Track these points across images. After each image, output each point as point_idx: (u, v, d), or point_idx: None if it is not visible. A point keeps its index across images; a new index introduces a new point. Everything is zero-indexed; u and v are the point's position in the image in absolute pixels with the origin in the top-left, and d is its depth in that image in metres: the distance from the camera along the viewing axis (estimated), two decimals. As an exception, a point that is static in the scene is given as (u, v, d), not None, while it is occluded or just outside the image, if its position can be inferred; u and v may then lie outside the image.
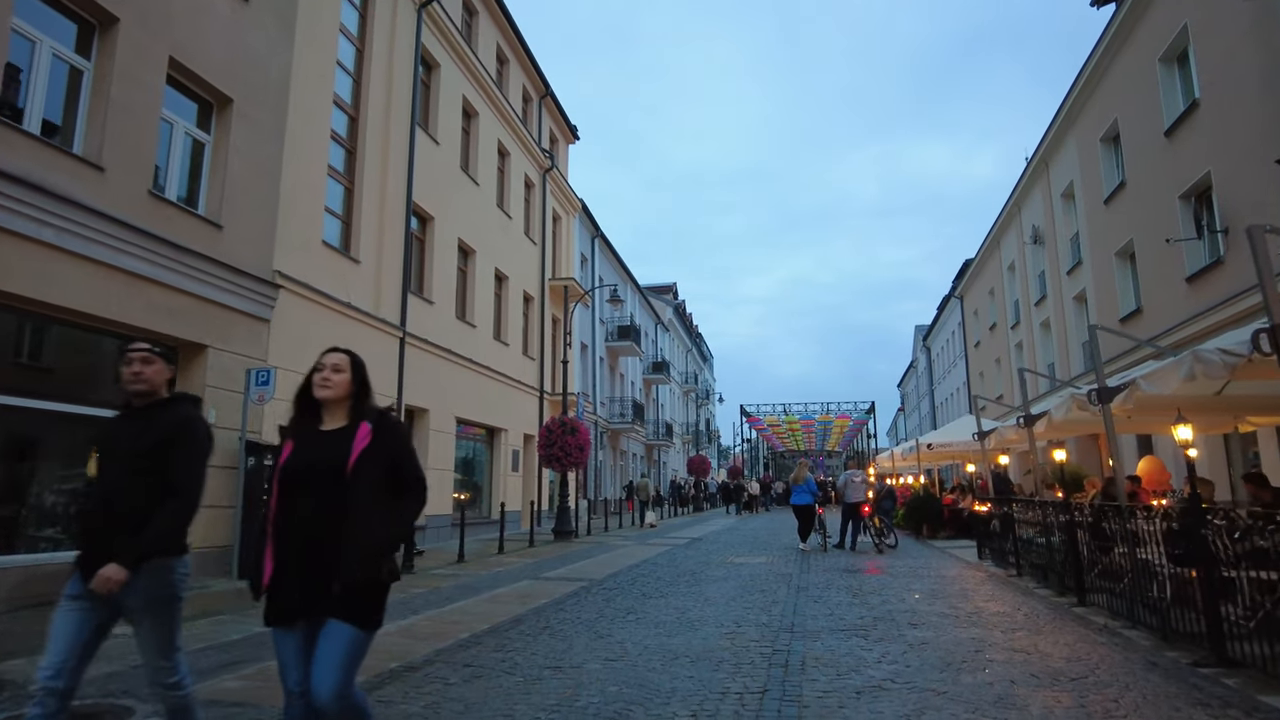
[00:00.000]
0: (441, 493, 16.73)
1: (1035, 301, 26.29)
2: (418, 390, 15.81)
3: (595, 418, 29.86)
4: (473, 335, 18.71)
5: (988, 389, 34.95)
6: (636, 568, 11.71)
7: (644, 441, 40.33)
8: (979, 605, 7.93)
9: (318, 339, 12.45)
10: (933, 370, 53.19)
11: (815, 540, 14.89)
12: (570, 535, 17.29)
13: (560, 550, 14.89)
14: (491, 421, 19.74)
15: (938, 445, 18.77)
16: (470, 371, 18.43)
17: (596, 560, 12.95)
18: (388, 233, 14.93)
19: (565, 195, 26.65)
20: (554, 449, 16.88)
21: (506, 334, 21.02)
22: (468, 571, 11.29)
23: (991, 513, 12.31)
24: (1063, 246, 23.08)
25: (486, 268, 19.80)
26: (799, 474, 14.75)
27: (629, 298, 37.34)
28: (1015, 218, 28.27)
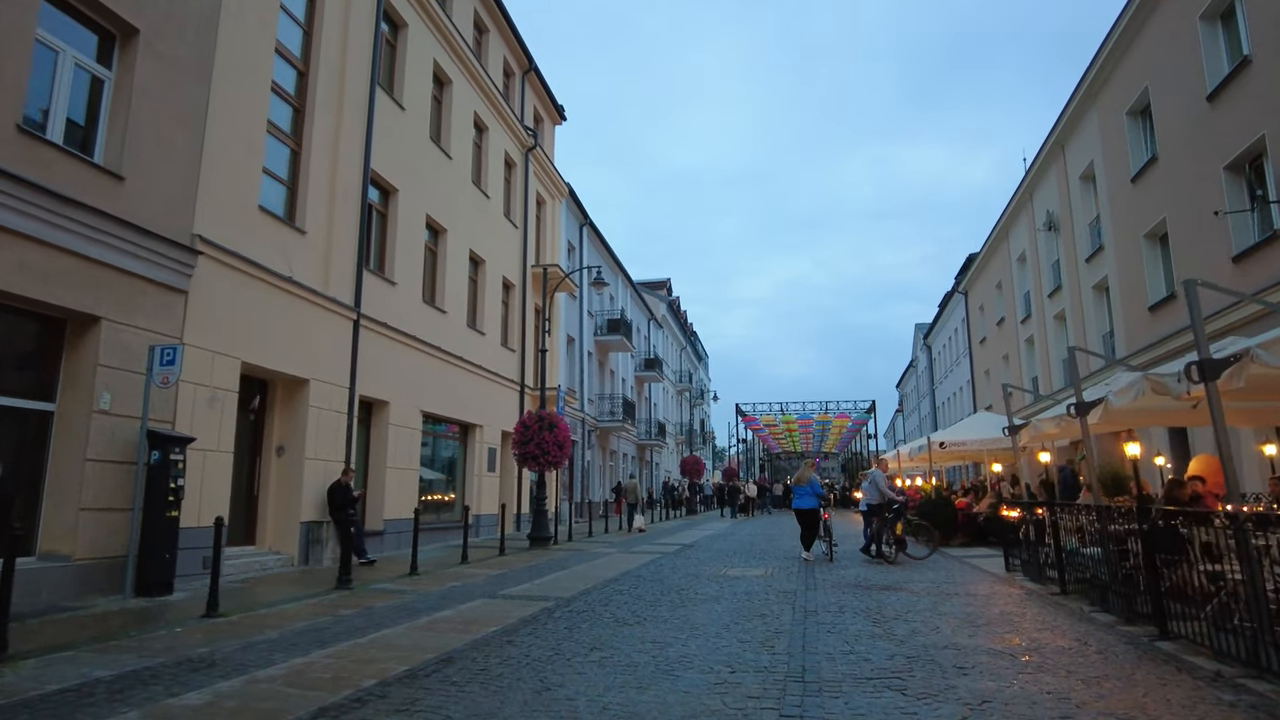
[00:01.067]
0: (404, 494, 15.10)
1: (1049, 293, 24.75)
2: (376, 380, 14.18)
3: (582, 415, 28.24)
4: (443, 322, 17.08)
5: (993, 387, 33.42)
6: (615, 582, 10.10)
7: (635, 441, 38.71)
8: (1035, 638, 6.33)
9: (249, 315, 10.83)
10: (934, 370, 51.69)
11: (820, 549, 13.31)
12: (547, 542, 15.66)
13: (533, 559, 13.27)
14: (464, 417, 18.11)
15: (951, 444, 17.20)
16: (439, 361, 16.80)
17: (571, 572, 11.32)
18: (341, 203, 13.30)
19: (550, 178, 25.04)
20: (530, 447, 15.26)
21: (483, 322, 19.40)
22: (415, 587, 9.66)
23: (1024, 519, 10.71)
24: (1081, 232, 21.55)
25: (460, 249, 18.18)
26: (803, 474, 13.16)
27: (620, 292, 35.74)
28: (1026, 206, 26.75)
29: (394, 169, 15.23)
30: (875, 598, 8.57)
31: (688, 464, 36.90)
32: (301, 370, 12.06)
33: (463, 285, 18.37)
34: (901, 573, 11.21)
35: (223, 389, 10.34)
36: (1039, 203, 25.32)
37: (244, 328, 10.77)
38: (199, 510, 9.67)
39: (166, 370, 8.54)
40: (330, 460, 12.61)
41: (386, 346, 14.60)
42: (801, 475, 13.18)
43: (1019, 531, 11.14)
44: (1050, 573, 9.36)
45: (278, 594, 8.87)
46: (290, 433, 12.16)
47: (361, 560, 12.10)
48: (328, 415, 12.60)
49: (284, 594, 8.85)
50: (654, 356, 41.05)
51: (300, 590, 9.21)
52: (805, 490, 12.97)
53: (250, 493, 11.82)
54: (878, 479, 13.17)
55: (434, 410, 16.59)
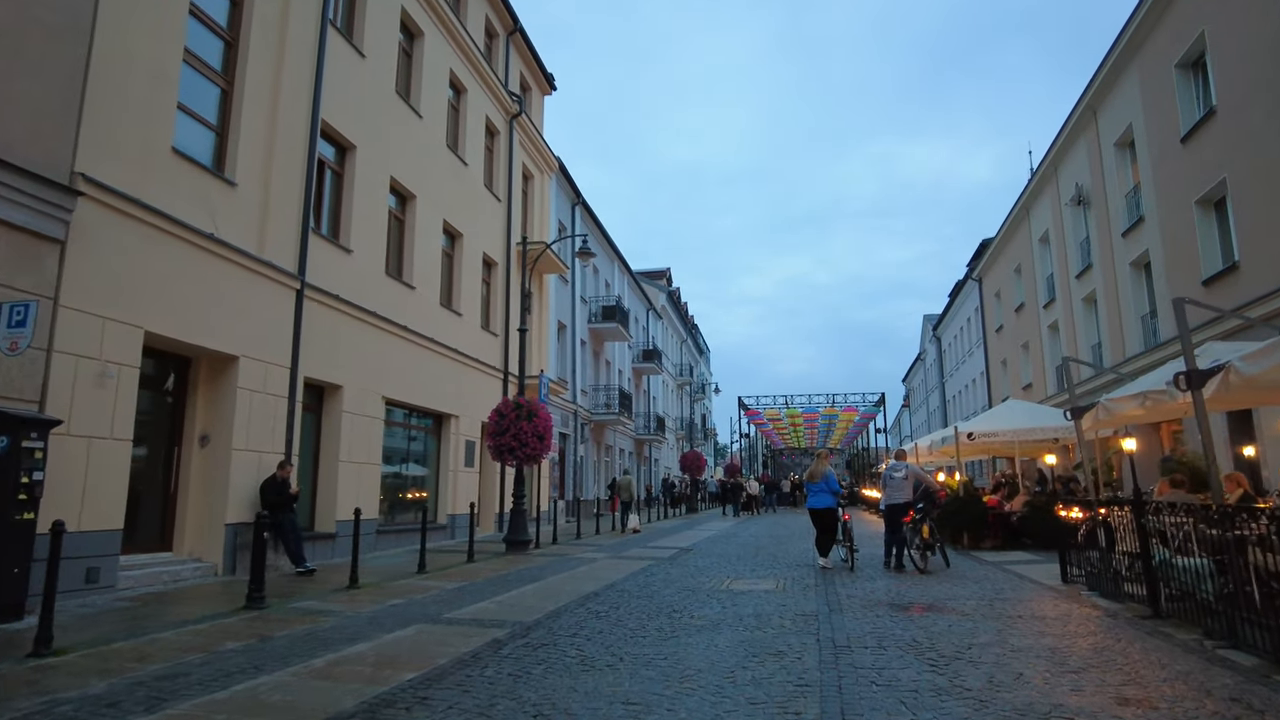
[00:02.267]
0: (364, 492, 13.28)
1: (1076, 274, 22.87)
2: (327, 360, 12.35)
3: (575, 407, 26.41)
4: (411, 299, 15.24)
5: (1011, 378, 31.57)
6: (593, 599, 8.27)
7: (633, 436, 36.88)
8: (1164, 692, 4.50)
9: (158, 277, 9.00)
10: (943, 362, 49.81)
11: (838, 555, 11.48)
12: (526, 546, 13.82)
13: (504, 568, 11.44)
14: (437, 406, 16.27)
15: (981, 435, 15.34)
16: (407, 343, 14.96)
17: (543, 586, 9.50)
18: (283, 155, 11.46)
19: (538, 150, 23.18)
20: (506, 438, 13.42)
21: (459, 302, 17.55)
22: (346, 606, 7.83)
23: (1090, 520, 8.86)
24: (1116, 205, 19.67)
25: (431, 219, 16.33)
26: (816, 469, 11.29)
27: (616, 279, 33.89)
28: (1050, 181, 24.85)
29: (351, 123, 13.39)
30: (920, 624, 6.72)
31: (688, 459, 35.06)
32: (229, 345, 10.23)
33: (435, 260, 16.53)
34: (939, 585, 9.36)
35: (118, 363, 8.50)
36: (1066, 176, 23.43)
37: (150, 291, 8.94)
38: (79, 512, 7.84)
39: (15, 334, 6.71)
40: (266, 452, 10.78)
41: (340, 323, 12.77)
42: (815, 470, 11.33)
43: (1078, 534, 9.30)
44: (1132, 588, 7.53)
45: (168, 617, 7.04)
46: (216, 419, 10.33)
47: (299, 569, 10.29)
48: (262, 399, 10.77)
49: (175, 617, 7.03)
50: (652, 347, 39.21)
51: (201, 610, 7.39)
52: (820, 487, 11.12)
53: (166, 490, 10.00)
54: (895, 473, 11.31)
55: (400, 397, 14.75)
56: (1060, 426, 15.28)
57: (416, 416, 16.18)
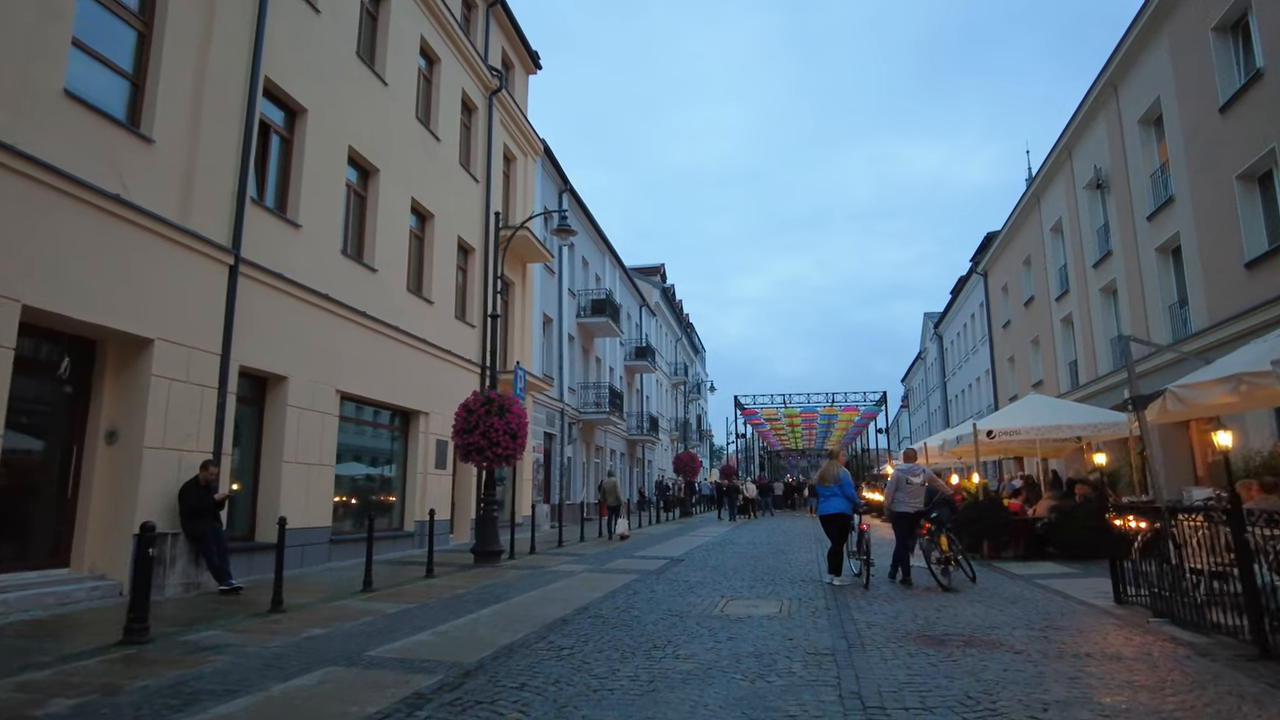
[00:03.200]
0: (313, 496, 11.81)
1: (1094, 263, 21.50)
2: (268, 347, 10.89)
3: (561, 405, 24.95)
4: (372, 284, 13.78)
5: (1019, 375, 30.21)
6: (558, 630, 6.81)
7: (625, 436, 35.42)
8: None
9: (44, 242, 7.54)
10: (945, 361, 48.47)
11: (850, 569, 10.03)
12: (496, 557, 12.34)
13: (464, 585, 9.97)
14: (404, 402, 14.80)
15: (1002, 433, 13.92)
16: (367, 331, 13.50)
17: (502, 610, 8.04)
18: (214, 112, 10.00)
19: (522, 131, 21.73)
20: (474, 436, 11.95)
21: (431, 289, 16.09)
22: (248, 640, 6.35)
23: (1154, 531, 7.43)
24: (1140, 186, 18.29)
25: (397, 196, 14.87)
26: (828, 470, 9.81)
27: (608, 272, 32.46)
28: (1064, 166, 23.47)
29: (302, 84, 11.94)
30: (966, 666, 5.28)
31: (682, 460, 33.64)
32: (141, 326, 8.76)
33: (402, 241, 15.07)
34: (971, 607, 7.93)
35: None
36: (1082, 159, 22.05)
37: (32, 258, 7.47)
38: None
39: None
40: (189, 450, 9.31)
41: (285, 306, 11.30)
42: (827, 471, 9.86)
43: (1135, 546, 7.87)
44: (1218, 616, 6.11)
45: (13, 657, 5.57)
46: (126, 411, 8.86)
47: (223, 587, 8.82)
48: (184, 389, 9.29)
49: (21, 658, 5.55)
50: (645, 345, 37.76)
51: (67, 644, 5.93)
52: (833, 490, 9.65)
53: (62, 494, 8.52)
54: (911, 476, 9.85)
55: (359, 392, 13.28)
56: (1087, 424, 13.89)
57: (380, 413, 14.71)
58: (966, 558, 9.95)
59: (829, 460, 10.07)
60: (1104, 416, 13.70)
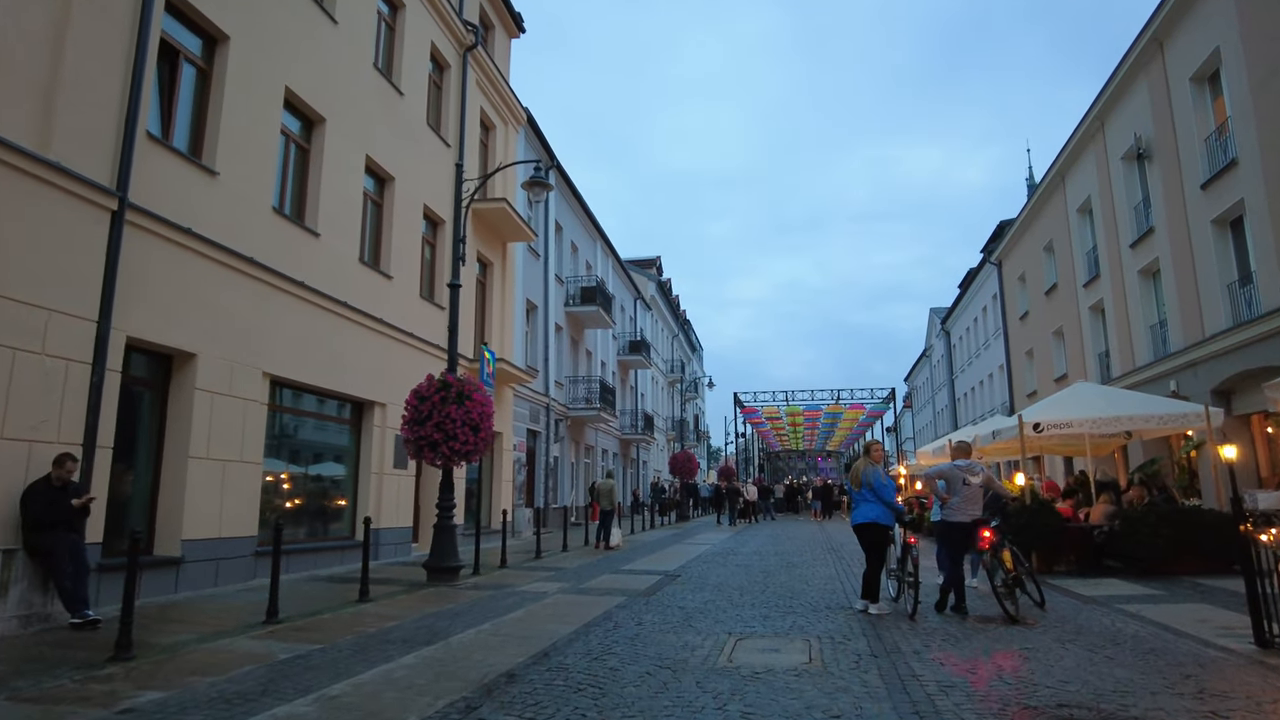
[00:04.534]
0: (233, 500, 9.76)
1: (1131, 243, 19.51)
2: (170, 317, 8.85)
3: (547, 400, 22.90)
4: (314, 250, 11.74)
5: (1038, 370, 28.24)
6: (496, 695, 4.78)
7: (618, 435, 33.37)
8: None
9: None
10: (953, 358, 46.48)
11: (888, 592, 8.01)
12: (454, 574, 10.25)
13: (401, 614, 7.91)
14: (354, 390, 12.76)
15: (1050, 425, 11.91)
16: (308, 306, 11.45)
17: (433, 656, 6.00)
18: (88, 25, 7.95)
19: (502, 96, 19.70)
20: (427, 428, 9.89)
21: (390, 262, 14.06)
22: (32, 714, 4.31)
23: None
24: (1190, 153, 16.31)
25: (348, 152, 12.83)
26: (861, 468, 7.75)
27: (599, 260, 30.42)
28: (1095, 138, 21.48)
29: (221, 6, 9.89)
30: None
31: (678, 461, 31.60)
32: (-28, 281, 6.73)
33: (354, 205, 13.03)
34: (1063, 649, 5.91)
35: None
36: (1117, 129, 20.07)
37: None
38: None
39: None
40: (45, 441, 7.26)
41: (194, 268, 9.25)
42: (858, 469, 7.79)
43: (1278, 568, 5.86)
44: None
45: None
46: (-47, 393, 6.82)
47: (75, 619, 6.77)
48: (36, 363, 7.24)
49: None
50: (640, 339, 35.72)
51: None
52: (864, 496, 7.61)
53: None
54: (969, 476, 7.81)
55: (296, 377, 11.24)
56: (1153, 415, 11.90)
57: (326, 403, 12.67)
58: (1034, 577, 7.91)
59: (866, 454, 8.00)
60: (1173, 406, 11.72)
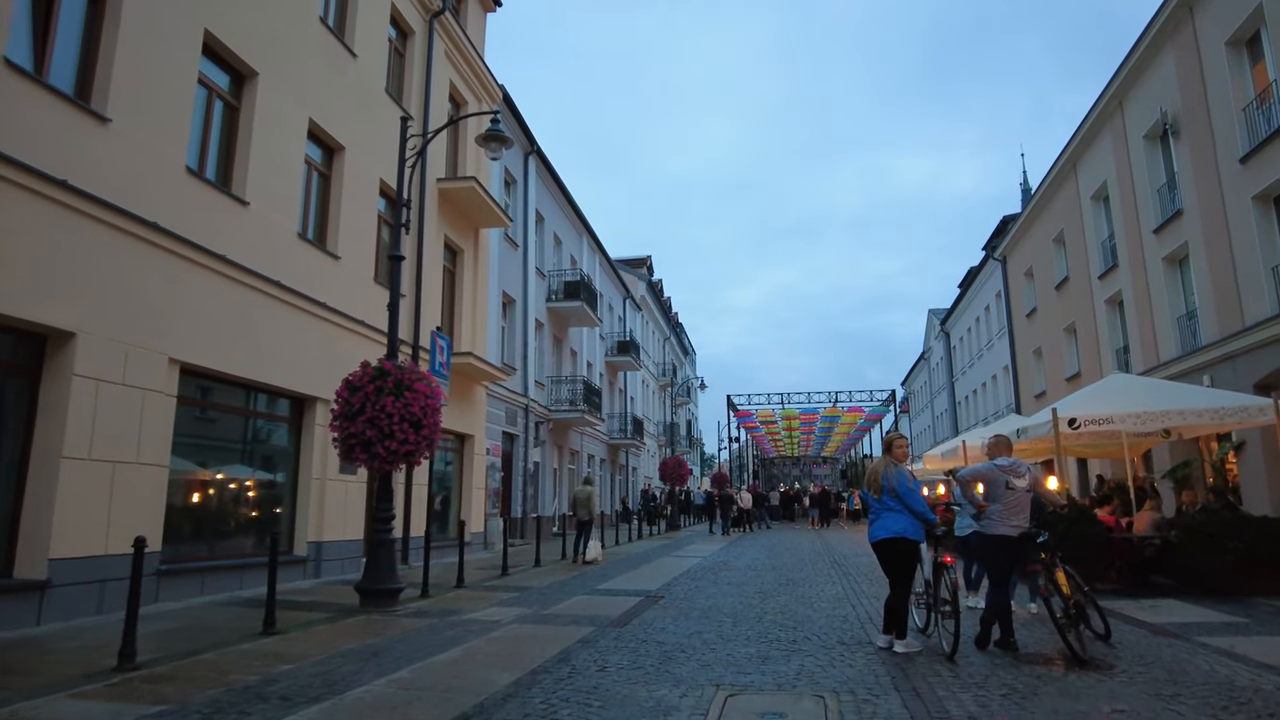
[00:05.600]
0: (125, 510, 8.13)
1: (1154, 228, 18.05)
2: (38, 286, 7.24)
3: (527, 400, 21.30)
4: (240, 221, 10.15)
5: (1048, 369, 26.77)
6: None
7: (605, 439, 31.76)
8: None
9: None
10: (953, 360, 45.05)
11: (914, 622, 6.43)
12: (392, 599, 8.60)
13: (303, 653, 6.29)
14: (292, 384, 11.15)
15: (1088, 420, 10.37)
16: (231, 284, 9.86)
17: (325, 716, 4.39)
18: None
19: (474, 71, 18.17)
20: (358, 424, 8.29)
21: (338, 241, 12.48)
22: None
23: None
24: (1226, 125, 14.85)
25: (287, 113, 11.25)
26: (878, 472, 6.11)
27: (585, 255, 28.86)
28: (1112, 119, 20.06)
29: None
30: None
31: (669, 466, 29.98)
32: None
33: (294, 173, 11.44)
34: (1169, 709, 4.35)
35: None
36: (1139, 106, 18.63)
37: None
38: None
39: None
40: None
41: (74, 230, 7.65)
42: (876, 471, 6.19)
43: None
44: None
45: None
46: None
47: None
48: None
49: None
50: (629, 339, 34.15)
51: None
52: (889, 503, 6.04)
53: None
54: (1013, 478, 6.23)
55: (215, 365, 9.63)
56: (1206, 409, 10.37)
57: (257, 397, 11.06)
58: (1097, 603, 6.35)
59: (881, 456, 6.39)
60: (1231, 399, 10.21)
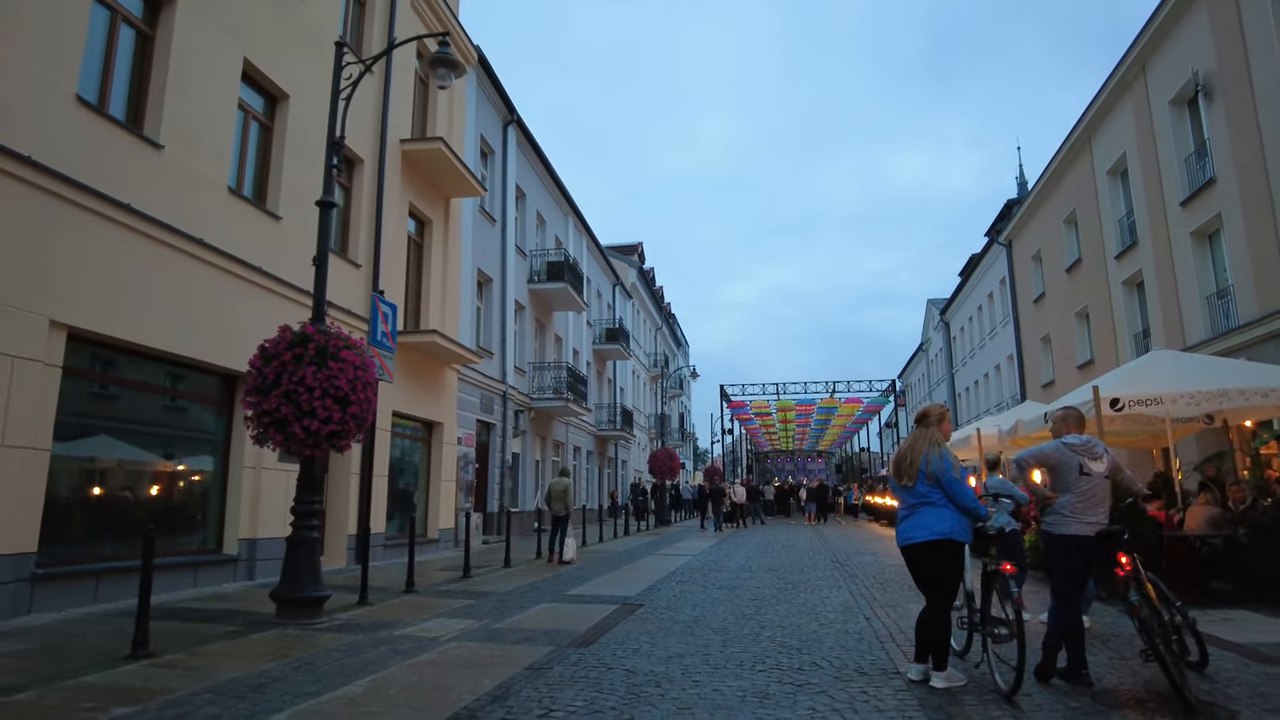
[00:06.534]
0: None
1: (1182, 200, 16.69)
2: None
3: (505, 387, 19.87)
4: (149, 164, 8.69)
5: (1057, 357, 25.48)
6: None
7: (592, 431, 30.35)
8: None
9: None
10: (953, 351, 43.77)
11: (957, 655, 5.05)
12: (314, 609, 7.17)
13: (176, 683, 4.89)
14: (219, 359, 9.69)
15: (1133, 401, 9.00)
16: (138, 239, 8.41)
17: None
18: None
19: (444, 26, 16.68)
20: (272, 400, 6.86)
21: (279, 200, 11.01)
22: None
23: None
24: (1270, 84, 13.50)
25: (213, 48, 9.77)
26: (912, 454, 4.72)
27: (571, 237, 27.42)
28: (1136, 82, 18.65)
29: None
30: None
31: (658, 459, 28.62)
32: None
33: (222, 118, 9.97)
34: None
35: None
36: (1164, 70, 17.27)
37: None
38: None
39: None
40: None
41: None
42: (915, 454, 4.75)
43: None
44: None
45: None
46: None
47: None
48: None
49: None
50: (618, 326, 32.72)
51: None
52: (929, 495, 4.64)
53: None
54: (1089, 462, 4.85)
55: (118, 333, 8.18)
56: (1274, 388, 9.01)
57: (180, 374, 9.61)
58: (1191, 622, 4.98)
59: (918, 430, 4.96)
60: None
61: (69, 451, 7.90)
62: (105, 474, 8.64)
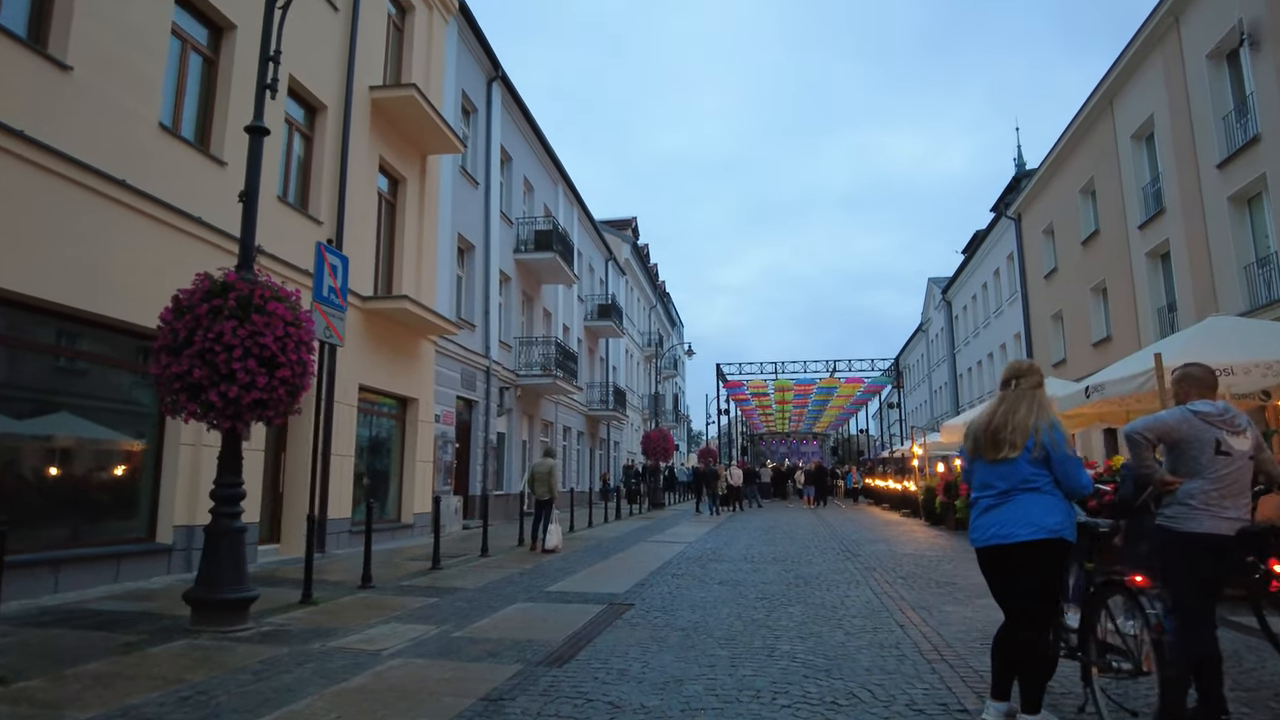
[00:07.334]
0: None
1: (1218, 162, 15.48)
2: None
3: (489, 362, 18.63)
4: (53, 88, 7.39)
5: (1071, 334, 24.34)
6: None
7: (583, 410, 29.17)
8: None
9: None
10: (954, 330, 42.63)
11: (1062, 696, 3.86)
12: (238, 610, 5.97)
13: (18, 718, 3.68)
14: (150, 321, 8.42)
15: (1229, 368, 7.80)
16: (44, 176, 7.13)
17: None
18: None
19: (421, -33, 15.27)
20: (183, 361, 5.63)
21: (224, 144, 9.69)
22: None
23: None
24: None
25: (137, -42, 8.43)
26: (1009, 417, 3.45)
27: (561, 207, 26.06)
28: (1165, 41, 17.38)
29: None
30: None
31: (652, 440, 27.47)
32: None
33: (154, 44, 8.64)
34: None
35: None
36: (1199, 21, 16.00)
37: None
38: None
39: None
40: None
41: None
42: (1014, 422, 3.48)
43: None
44: None
45: None
46: None
47: None
48: None
49: None
50: (611, 302, 31.46)
51: None
52: (1030, 475, 3.44)
53: None
54: (1232, 440, 3.69)
55: (13, 287, 6.92)
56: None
57: (99, 334, 8.35)
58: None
59: (1011, 388, 3.66)
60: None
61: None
62: (11, 452, 7.39)
